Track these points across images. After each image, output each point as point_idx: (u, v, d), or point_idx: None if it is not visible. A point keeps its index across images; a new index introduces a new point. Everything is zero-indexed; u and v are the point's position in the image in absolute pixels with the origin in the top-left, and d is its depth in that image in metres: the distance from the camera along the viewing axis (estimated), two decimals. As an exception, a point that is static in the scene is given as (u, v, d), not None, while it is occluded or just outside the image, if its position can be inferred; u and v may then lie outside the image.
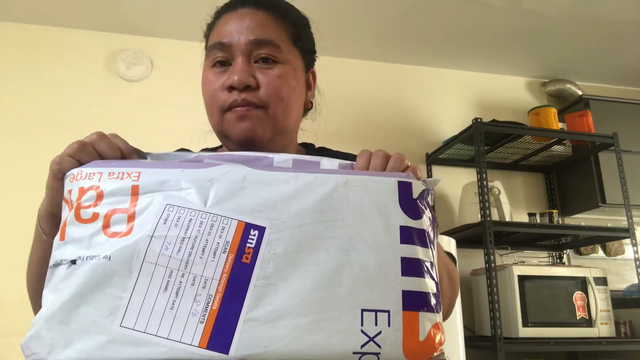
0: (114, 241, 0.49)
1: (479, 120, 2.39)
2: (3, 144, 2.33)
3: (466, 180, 2.65)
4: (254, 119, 0.69)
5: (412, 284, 0.50)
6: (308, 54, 0.80)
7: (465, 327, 2.18)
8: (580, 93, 2.94)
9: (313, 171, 0.54)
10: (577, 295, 2.28)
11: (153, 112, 2.50)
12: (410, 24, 2.58)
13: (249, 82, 0.69)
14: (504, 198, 2.49)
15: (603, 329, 2.25)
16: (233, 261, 0.49)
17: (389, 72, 2.91)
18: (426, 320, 0.49)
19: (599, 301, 2.27)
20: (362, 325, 0.47)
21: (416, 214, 0.53)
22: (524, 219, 2.65)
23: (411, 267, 0.50)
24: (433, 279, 0.52)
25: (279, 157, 0.57)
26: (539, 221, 2.55)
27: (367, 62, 2.89)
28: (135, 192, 0.52)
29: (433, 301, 0.51)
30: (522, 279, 2.25)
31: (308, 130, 0.89)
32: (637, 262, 2.38)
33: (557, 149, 2.70)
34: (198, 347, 0.46)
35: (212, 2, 0.86)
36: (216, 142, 0.83)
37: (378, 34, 2.67)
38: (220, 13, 0.77)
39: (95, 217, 0.51)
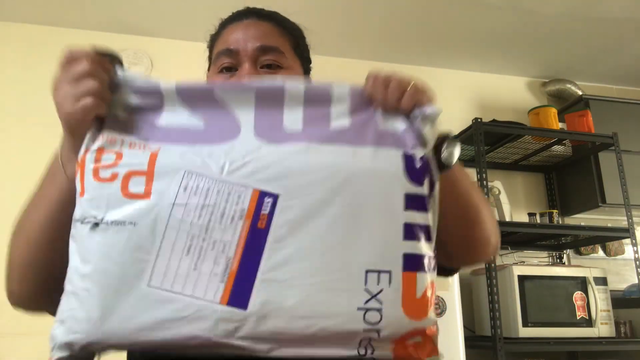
0: (134, 205, 0.53)
1: (479, 120, 2.39)
2: (3, 143, 2.32)
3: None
4: None
5: (411, 247, 0.54)
6: (306, 62, 0.84)
7: (465, 327, 2.18)
8: (580, 93, 2.94)
9: (324, 139, 0.56)
10: (577, 295, 2.28)
11: (153, 112, 2.50)
12: (410, 24, 2.58)
13: None
14: (504, 198, 2.49)
15: (603, 329, 2.25)
16: (249, 227, 0.53)
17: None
18: (422, 280, 0.54)
19: (599, 301, 2.27)
20: (365, 284, 0.52)
21: (419, 182, 0.56)
22: (524, 219, 2.65)
23: (412, 232, 0.55)
24: (430, 241, 0.56)
25: (290, 85, 0.58)
26: (539, 221, 2.55)
27: (367, 62, 2.89)
28: (153, 158, 0.54)
29: (428, 262, 0.55)
30: (522, 279, 2.25)
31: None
32: (637, 262, 2.38)
33: (557, 149, 2.70)
34: (220, 303, 0.51)
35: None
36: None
37: (378, 34, 2.67)
38: (225, 24, 0.80)
39: (114, 177, 0.54)
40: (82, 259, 0.52)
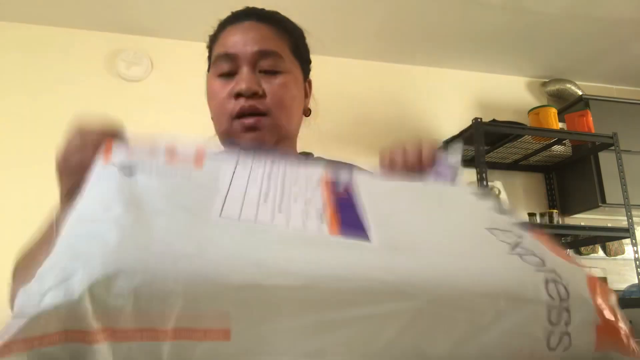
0: (185, 167, 0.42)
1: (479, 120, 2.39)
2: (3, 144, 2.32)
3: (466, 180, 2.64)
4: (261, 129, 0.73)
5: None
6: (305, 64, 0.83)
7: (465, 327, 2.18)
8: (580, 93, 2.94)
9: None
10: (577, 295, 2.27)
11: (153, 112, 2.50)
12: (410, 24, 2.58)
13: (256, 89, 0.72)
14: (504, 198, 2.49)
15: (603, 329, 2.24)
16: (331, 192, 0.43)
17: (388, 72, 2.91)
18: None
19: (599, 301, 2.27)
20: (500, 237, 0.42)
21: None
22: (524, 219, 2.65)
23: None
24: None
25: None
26: (539, 221, 2.55)
27: (366, 62, 2.89)
28: (200, 155, 0.45)
29: None
30: (522, 279, 2.25)
31: (307, 133, 0.89)
32: (637, 262, 2.37)
33: (557, 149, 2.70)
34: (329, 234, 0.36)
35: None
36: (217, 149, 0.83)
37: (377, 34, 2.67)
38: (224, 25, 0.79)
39: (153, 151, 0.44)
40: (102, 201, 0.35)
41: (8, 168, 2.29)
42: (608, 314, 0.40)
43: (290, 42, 0.79)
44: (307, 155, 0.87)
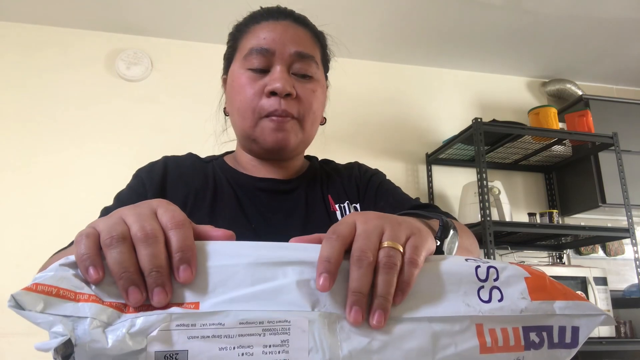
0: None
1: (479, 120, 2.39)
2: (3, 144, 2.32)
3: (466, 180, 2.64)
4: (289, 130, 0.72)
5: None
6: (327, 72, 0.85)
7: (465, 327, 2.18)
8: (580, 93, 2.94)
9: None
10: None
11: (153, 112, 2.50)
12: (410, 24, 2.58)
13: (290, 90, 0.71)
14: (504, 198, 2.49)
15: (603, 329, 2.24)
16: None
17: (389, 72, 2.91)
18: None
19: (599, 301, 2.27)
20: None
21: None
22: (524, 219, 2.65)
23: None
24: None
25: None
26: (539, 221, 2.55)
27: (367, 62, 2.89)
28: None
29: None
30: (522, 279, 2.24)
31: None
32: (637, 262, 2.37)
33: (557, 149, 2.70)
34: None
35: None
36: (223, 149, 0.83)
37: (378, 34, 2.67)
38: (258, 18, 0.77)
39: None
40: None
41: (8, 168, 2.29)
42: (534, 271, 0.43)
43: (320, 50, 0.80)
44: (310, 159, 0.87)
